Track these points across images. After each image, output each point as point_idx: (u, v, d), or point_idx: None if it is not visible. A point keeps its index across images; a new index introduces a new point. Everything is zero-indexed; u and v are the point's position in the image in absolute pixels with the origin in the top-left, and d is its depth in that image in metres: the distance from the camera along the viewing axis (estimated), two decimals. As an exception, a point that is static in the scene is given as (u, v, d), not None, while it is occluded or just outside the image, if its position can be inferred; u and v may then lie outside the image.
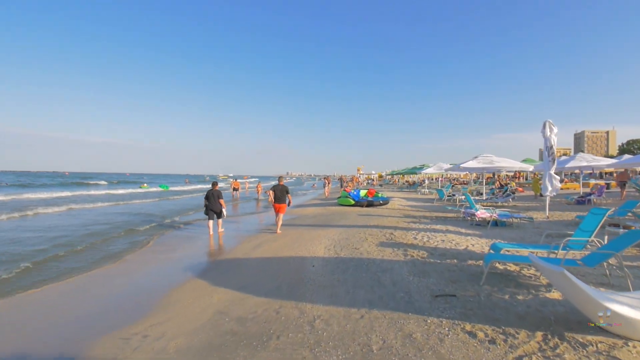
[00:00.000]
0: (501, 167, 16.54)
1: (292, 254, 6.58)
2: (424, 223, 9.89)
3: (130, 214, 14.79)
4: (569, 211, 12.70)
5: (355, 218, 11.55)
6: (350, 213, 13.24)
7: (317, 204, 18.91)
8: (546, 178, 11.02)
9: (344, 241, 7.43)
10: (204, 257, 7.08)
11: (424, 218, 11.25)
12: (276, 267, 5.76)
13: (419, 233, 8.04)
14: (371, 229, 8.86)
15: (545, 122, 11.20)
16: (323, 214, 13.29)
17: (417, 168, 34.39)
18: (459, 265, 5.21)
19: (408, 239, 7.32)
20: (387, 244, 6.88)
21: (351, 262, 5.61)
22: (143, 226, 11.01)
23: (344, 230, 9.02)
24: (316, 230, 9.36)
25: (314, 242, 7.59)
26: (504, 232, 8.39)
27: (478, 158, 16.80)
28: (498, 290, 4.11)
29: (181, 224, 11.83)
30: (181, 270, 6.19)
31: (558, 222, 10.09)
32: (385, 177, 65.07)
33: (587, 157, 16.27)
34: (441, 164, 26.04)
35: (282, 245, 7.54)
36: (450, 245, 6.66)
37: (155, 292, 5.02)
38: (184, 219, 13.26)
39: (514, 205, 15.82)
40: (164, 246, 8.35)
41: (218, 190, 9.44)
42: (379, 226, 9.41)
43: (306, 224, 10.76)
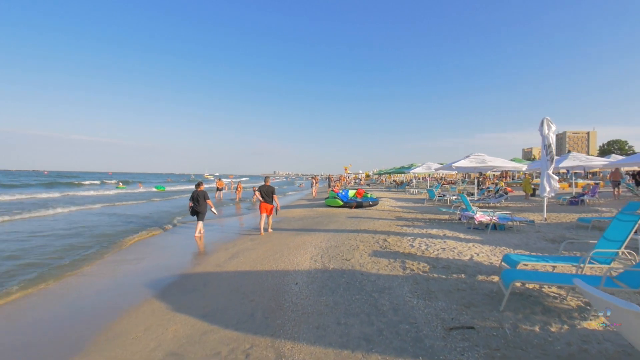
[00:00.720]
0: (494, 167, 16.06)
1: (273, 266, 5.65)
2: (418, 227, 9.13)
3: (117, 215, 13.53)
4: (564, 212, 12.22)
5: (345, 221, 10.71)
6: (339, 215, 12.39)
7: (303, 204, 18.00)
8: (544, 178, 10.46)
9: (332, 250, 6.55)
10: (172, 269, 6.07)
11: (417, 221, 10.51)
12: (252, 284, 4.83)
13: (415, 239, 7.25)
14: (362, 234, 8.02)
15: (543, 119, 10.64)
16: (310, 217, 12.40)
17: (405, 167, 33.90)
18: (468, 281, 4.41)
19: (404, 247, 6.50)
20: (381, 254, 6.04)
21: (342, 278, 4.73)
22: (123, 230, 9.92)
23: (333, 235, 8.15)
24: (302, 235, 8.46)
25: (298, 250, 6.69)
26: (505, 237, 7.71)
27: (470, 157, 16.27)
28: (524, 317, 3.32)
29: (166, 227, 10.79)
30: (141, 286, 5.21)
31: (558, 225, 9.52)
32: (372, 176, 64.68)
33: (581, 157, 15.98)
34: (430, 164, 25.53)
35: (262, 254, 6.60)
36: (453, 254, 5.88)
37: (97, 320, 4.03)
38: (168, 221, 12.14)
39: (506, 206, 15.34)
40: (133, 254, 7.37)
41: (204, 190, 9.21)
42: (370, 231, 8.58)
43: (291, 228, 9.84)
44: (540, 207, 14.54)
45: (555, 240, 7.34)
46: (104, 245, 8.12)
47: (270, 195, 9.07)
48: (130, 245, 8.32)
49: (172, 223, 11.92)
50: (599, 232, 8.34)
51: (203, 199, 9.03)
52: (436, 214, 12.28)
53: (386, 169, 49.13)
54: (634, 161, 13.65)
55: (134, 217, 13.54)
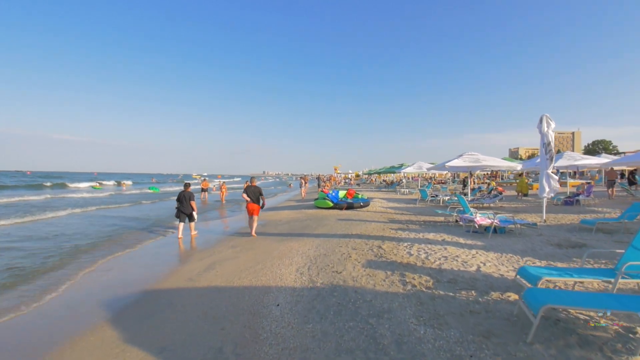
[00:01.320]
0: (488, 166, 15.61)
1: (252, 281, 4.88)
2: (414, 230, 8.48)
3: (106, 217, 12.46)
4: (562, 213, 11.79)
5: (335, 224, 9.99)
6: (329, 217, 11.67)
7: (292, 206, 17.22)
8: (543, 178, 9.98)
9: (321, 259, 5.82)
10: (137, 283, 5.24)
11: (411, 223, 9.87)
12: (225, 305, 4.05)
13: (413, 245, 6.58)
14: (354, 240, 7.31)
15: (542, 116, 10.15)
16: (298, 219, 11.64)
17: (396, 167, 33.45)
18: (481, 301, 3.74)
19: (402, 256, 5.81)
20: (376, 264, 5.33)
21: (332, 298, 4.00)
22: (92, 239, 8.95)
23: (322, 241, 7.42)
24: (288, 241, 7.71)
25: (283, 260, 5.93)
26: (507, 241, 7.13)
27: (463, 156, 15.79)
28: (558, 353, 2.65)
29: (149, 230, 9.86)
30: (93, 307, 4.38)
31: (559, 227, 9.03)
32: (362, 176, 64.25)
33: (575, 156, 15.69)
34: (421, 163, 25.08)
35: (242, 265, 5.82)
36: (457, 264, 5.22)
37: (33, 353, 3.21)
38: (155, 224, 11.19)
39: (500, 207, 14.91)
40: (101, 263, 6.46)
41: (190, 192, 9.15)
42: (363, 235, 7.88)
43: (277, 233, 9.06)
44: (536, 207, 14.18)
45: (561, 245, 6.79)
46: (67, 253, 7.19)
47: (257, 196, 8.95)
48: (99, 253, 7.42)
49: (151, 229, 10.99)
50: (604, 235, 7.86)
51: (188, 200, 8.94)
52: (431, 215, 11.69)
53: (376, 169, 48.72)
54: (631, 160, 13.33)
55: (115, 219, 12.54)
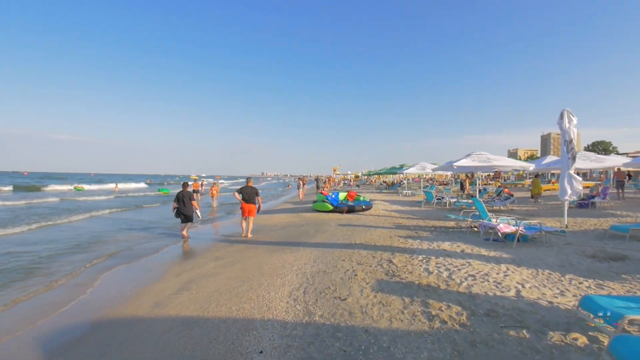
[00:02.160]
0: (498, 166, 14.62)
1: (233, 309, 3.81)
2: (426, 239, 7.44)
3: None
4: (581, 217, 10.81)
5: (335, 230, 8.93)
6: (328, 222, 10.62)
7: (288, 209, 16.14)
8: (565, 179, 8.95)
9: (320, 278, 4.76)
10: (91, 309, 4.20)
11: (420, 229, 8.84)
12: (192, 348, 3.00)
13: (429, 259, 5.53)
14: (359, 251, 6.26)
15: (563, 111, 9.13)
16: (294, 224, 10.57)
17: (397, 168, 32.44)
18: (540, 348, 2.71)
19: (419, 274, 4.76)
20: (389, 286, 4.28)
21: (334, 342, 2.93)
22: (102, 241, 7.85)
23: (321, 252, 6.36)
24: (282, 252, 6.65)
25: (273, 279, 4.87)
26: (536, 252, 6.13)
27: (472, 156, 14.79)
28: None
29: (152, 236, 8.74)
30: (28, 344, 3.33)
31: (585, 234, 8.09)
32: (361, 177, 63.25)
33: (590, 156, 14.74)
34: (424, 163, 24.05)
35: (223, 284, 4.76)
36: (489, 286, 4.18)
37: None
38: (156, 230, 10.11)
39: (510, 210, 13.93)
40: (81, 277, 5.40)
41: (189, 191, 9.01)
42: (368, 245, 6.82)
43: (270, 241, 7.99)
44: (549, 210, 13.19)
45: (598, 257, 5.78)
46: (24, 272, 6.11)
47: (253, 197, 8.72)
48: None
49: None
50: (638, 242, 6.91)
51: (189, 199, 8.79)
52: (440, 220, 10.66)
53: (376, 170, 47.69)
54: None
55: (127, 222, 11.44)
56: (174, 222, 10.62)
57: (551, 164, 15.25)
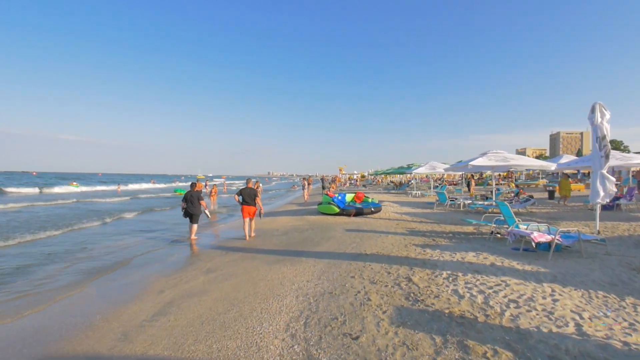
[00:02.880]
0: (516, 165, 13.65)
1: (212, 350, 2.96)
2: (446, 248, 6.55)
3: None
4: (606, 220, 9.81)
5: (342, 237, 8.07)
6: (335, 226, 9.77)
7: (292, 211, 15.32)
8: (597, 179, 7.98)
9: (325, 303, 3.90)
10: (45, 339, 3.41)
11: (437, 236, 7.95)
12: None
13: (456, 276, 4.65)
14: (371, 265, 5.39)
15: (595, 104, 8.14)
16: (298, 229, 9.73)
17: (405, 167, 31.46)
18: None
19: (447, 298, 3.88)
20: (412, 317, 3.41)
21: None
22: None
23: (327, 265, 5.51)
24: (281, 264, 5.81)
25: (269, 302, 4.04)
26: (577, 266, 5.24)
27: (488, 155, 13.86)
28: None
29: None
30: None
31: (623, 241, 7.24)
32: (368, 177, 62.22)
33: (615, 154, 13.65)
34: (434, 163, 23.03)
35: (209, 309, 3.94)
36: (539, 317, 3.30)
37: None
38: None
39: (530, 213, 12.95)
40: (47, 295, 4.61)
41: (198, 191, 8.82)
42: (381, 256, 5.96)
43: (269, 249, 7.16)
44: (572, 214, 12.16)
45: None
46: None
47: (253, 198, 8.52)
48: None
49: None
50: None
51: (197, 200, 8.63)
52: (457, 224, 9.75)
53: (383, 169, 46.66)
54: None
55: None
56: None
57: (572, 163, 14.17)
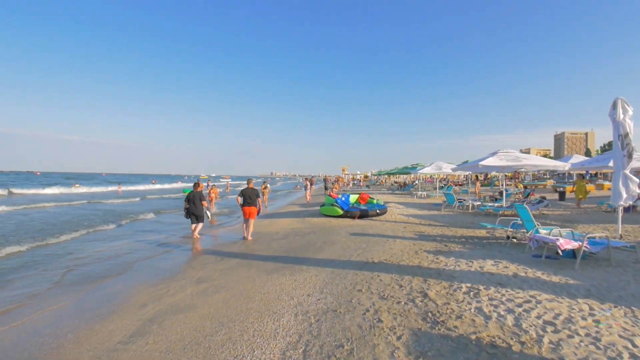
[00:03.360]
0: (529, 165, 13.04)
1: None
2: (460, 254, 5.99)
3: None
4: (628, 224, 9.19)
5: (347, 241, 7.53)
6: (338, 229, 9.23)
7: (294, 212, 14.79)
8: (619, 180, 7.38)
9: (329, 325, 3.35)
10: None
11: (448, 240, 7.39)
12: None
13: (478, 291, 4.07)
14: (379, 275, 4.84)
15: (617, 100, 7.52)
16: (299, 232, 9.20)
17: (409, 167, 30.84)
18: None
19: (471, 319, 3.31)
20: (433, 345, 2.84)
21: None
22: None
23: (330, 276, 4.96)
24: (280, 273, 5.27)
25: (263, 322, 3.50)
26: (608, 276, 4.71)
27: (498, 154, 13.26)
28: None
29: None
30: None
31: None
32: (371, 177, 61.58)
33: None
34: (440, 163, 22.40)
35: (192, 331, 3.40)
36: (584, 345, 2.73)
37: None
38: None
39: (542, 215, 12.37)
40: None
41: (200, 191, 8.78)
42: (390, 265, 5.40)
43: (267, 255, 6.62)
44: (587, 216, 11.56)
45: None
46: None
47: (255, 198, 8.55)
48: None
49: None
50: None
51: (199, 200, 8.58)
52: (468, 227, 9.19)
53: (386, 170, 46.01)
54: None
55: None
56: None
57: (585, 163, 13.52)
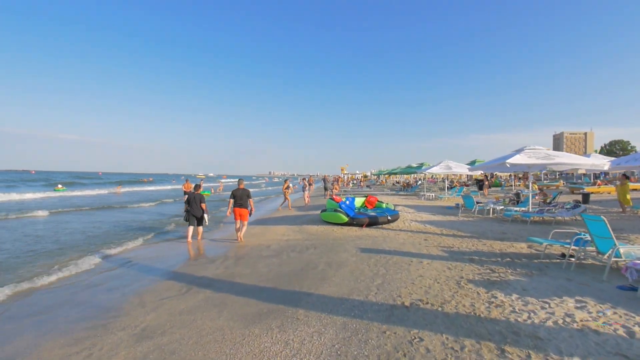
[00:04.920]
0: (563, 164, 11.34)
1: None
2: (522, 288, 4.21)
3: None
4: None
5: (358, 263, 5.73)
6: (344, 243, 7.45)
7: (290, 217, 12.95)
8: None
9: None
10: None
11: (488, 260, 5.64)
12: None
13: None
14: (420, 335, 3.03)
15: None
16: (295, 247, 7.37)
17: (414, 167, 29.12)
18: None
19: None
20: None
21: None
22: None
23: (340, 336, 3.13)
24: (264, 325, 3.45)
25: None
26: None
27: (525, 151, 11.58)
28: None
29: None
30: None
31: None
32: (370, 177, 59.83)
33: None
34: (449, 162, 20.66)
35: None
36: None
37: None
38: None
39: (576, 221, 10.66)
40: None
41: (200, 193, 8.40)
42: (430, 311, 3.59)
43: (249, 288, 4.74)
44: (631, 223, 9.86)
45: None
46: None
47: (246, 199, 8.18)
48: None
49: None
50: None
51: (198, 202, 8.24)
52: (501, 239, 7.43)
53: (387, 169, 44.21)
54: None
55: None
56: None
57: (631, 160, 11.77)
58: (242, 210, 8.09)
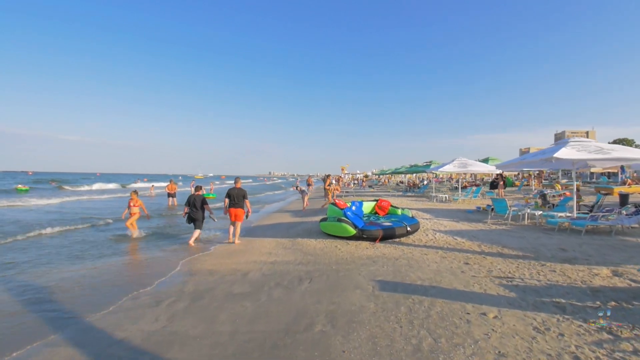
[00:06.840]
0: (620, 159, 9.25)
1: None
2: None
3: None
4: None
5: (379, 317, 3.52)
6: (352, 271, 5.28)
7: (284, 225, 10.77)
8: None
9: None
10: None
11: (576, 301, 3.49)
12: None
13: None
14: None
15: None
16: (282, 278, 5.17)
17: (421, 166, 27.03)
18: None
19: None
20: None
21: None
22: None
23: None
24: None
25: None
26: None
27: (570, 144, 9.49)
28: None
29: None
30: None
31: None
32: (372, 177, 57.67)
33: None
34: (464, 160, 18.45)
35: None
36: None
37: None
38: None
39: (634, 230, 8.56)
40: None
41: (201, 195, 8.11)
42: None
43: (216, 349, 2.68)
44: None
45: None
46: None
47: (242, 199, 7.78)
48: None
49: None
50: None
51: (200, 204, 7.95)
52: (569, 262, 5.26)
53: (389, 169, 42.00)
54: None
55: None
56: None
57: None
58: (237, 211, 7.75)
